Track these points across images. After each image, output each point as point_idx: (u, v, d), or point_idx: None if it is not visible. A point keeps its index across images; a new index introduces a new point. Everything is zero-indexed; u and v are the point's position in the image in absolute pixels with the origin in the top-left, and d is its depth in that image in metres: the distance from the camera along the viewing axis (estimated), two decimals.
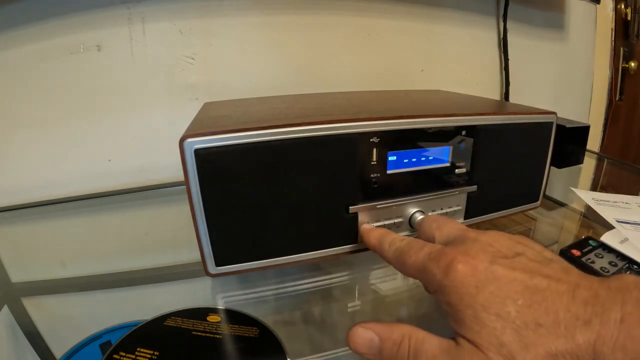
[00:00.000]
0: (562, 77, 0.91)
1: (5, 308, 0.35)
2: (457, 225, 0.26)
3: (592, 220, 0.48)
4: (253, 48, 0.62)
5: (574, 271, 0.20)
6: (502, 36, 0.79)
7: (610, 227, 0.43)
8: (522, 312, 0.18)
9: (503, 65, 0.81)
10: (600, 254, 0.37)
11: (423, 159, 0.35)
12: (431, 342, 0.21)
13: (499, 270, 0.20)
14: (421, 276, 0.23)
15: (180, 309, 0.32)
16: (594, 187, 0.61)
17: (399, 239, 0.27)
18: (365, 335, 0.23)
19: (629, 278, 0.19)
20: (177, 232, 0.48)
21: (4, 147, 0.55)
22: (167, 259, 0.44)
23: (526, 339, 0.18)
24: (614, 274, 0.35)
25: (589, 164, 0.71)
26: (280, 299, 0.36)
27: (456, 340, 0.20)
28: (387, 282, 0.39)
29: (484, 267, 0.20)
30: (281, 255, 0.33)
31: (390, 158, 0.33)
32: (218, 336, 0.29)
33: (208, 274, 0.32)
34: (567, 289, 0.19)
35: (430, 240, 0.27)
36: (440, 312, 0.22)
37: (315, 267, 0.39)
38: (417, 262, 0.23)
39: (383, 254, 0.28)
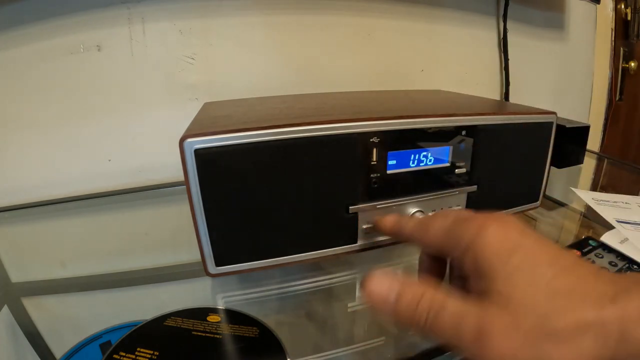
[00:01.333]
0: (562, 77, 0.91)
1: (5, 308, 0.35)
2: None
3: (592, 220, 0.48)
4: (253, 48, 0.62)
5: (589, 262, 0.20)
6: (502, 36, 0.79)
7: (610, 227, 0.43)
8: (556, 277, 0.18)
9: (503, 65, 0.81)
10: (600, 254, 0.37)
11: (423, 159, 0.35)
12: (455, 301, 0.19)
13: (529, 239, 0.19)
14: (447, 239, 0.22)
15: (180, 309, 0.32)
16: (594, 187, 0.61)
17: (418, 216, 0.27)
18: (383, 284, 0.21)
19: None
20: (177, 232, 0.48)
21: (4, 147, 0.55)
22: (167, 259, 0.44)
23: (558, 304, 0.17)
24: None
25: (589, 164, 0.71)
26: (281, 299, 0.36)
27: (483, 297, 0.19)
28: None
29: (516, 234, 0.20)
30: (281, 255, 0.33)
31: (390, 158, 0.33)
32: (218, 336, 0.29)
33: (208, 274, 0.32)
34: (590, 270, 0.18)
35: None
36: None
37: (316, 267, 0.39)
38: (443, 226, 0.22)
39: (402, 228, 0.27)
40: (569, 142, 0.59)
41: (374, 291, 0.21)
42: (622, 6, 0.93)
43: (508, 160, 0.39)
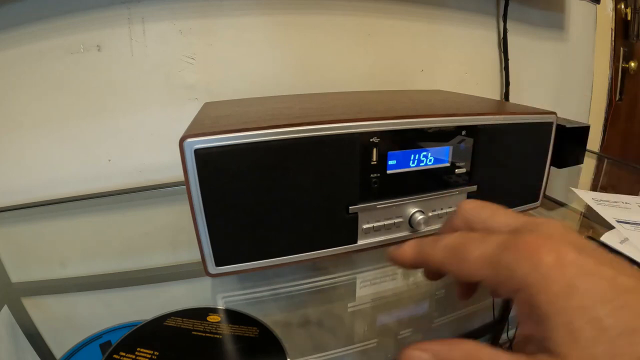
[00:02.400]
0: (562, 77, 0.91)
1: (5, 308, 0.35)
2: (514, 213, 0.21)
3: (592, 220, 0.47)
4: (253, 48, 0.62)
5: (634, 267, 0.18)
6: (502, 36, 0.79)
7: (610, 227, 0.43)
8: (616, 316, 0.15)
9: (503, 65, 0.81)
10: None
11: (423, 159, 0.35)
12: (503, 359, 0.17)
13: (589, 263, 0.16)
14: (493, 273, 0.18)
15: (180, 309, 0.32)
16: (594, 187, 0.61)
17: (442, 237, 0.21)
18: (422, 357, 0.18)
19: None
20: (177, 232, 0.48)
21: (4, 147, 0.55)
22: (167, 259, 0.44)
23: (619, 348, 0.15)
24: None
25: (589, 164, 0.71)
26: (281, 299, 0.36)
27: (534, 355, 0.16)
28: (387, 282, 0.39)
29: (573, 256, 0.16)
30: (281, 255, 0.33)
31: (390, 158, 0.33)
32: (218, 336, 0.29)
33: (208, 274, 0.32)
34: None
35: (475, 229, 0.22)
36: (438, 312, 0.20)
37: (315, 267, 0.39)
38: (485, 255, 0.18)
39: (428, 258, 0.22)
40: (569, 142, 0.59)
41: None
42: (622, 6, 0.93)
43: (508, 160, 0.39)
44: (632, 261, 0.36)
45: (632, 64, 0.96)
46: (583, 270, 0.16)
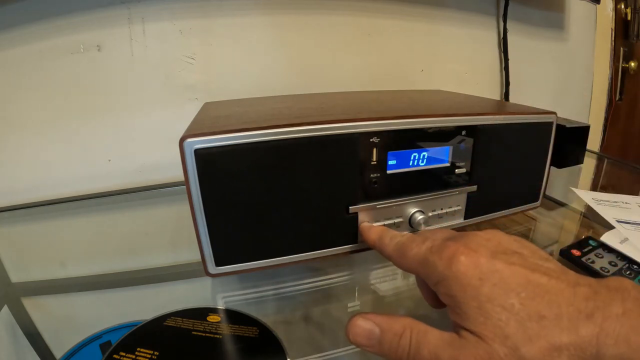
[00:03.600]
0: (562, 77, 0.91)
1: (5, 308, 0.35)
2: (450, 230, 0.27)
3: (592, 220, 0.48)
4: (253, 48, 0.62)
5: (571, 272, 0.20)
6: (502, 36, 0.79)
7: (610, 227, 0.43)
8: (525, 304, 0.18)
9: (503, 65, 0.81)
10: (600, 254, 0.37)
11: (423, 159, 0.35)
12: (433, 334, 0.20)
13: (500, 264, 0.20)
14: (422, 268, 0.23)
15: (180, 309, 0.32)
16: (594, 187, 0.61)
17: (399, 234, 0.27)
18: (365, 325, 0.22)
19: (625, 281, 0.19)
20: (177, 232, 0.48)
21: (4, 147, 0.55)
22: (167, 259, 0.44)
23: (530, 330, 0.18)
24: (614, 274, 0.35)
25: (589, 164, 0.71)
26: (280, 299, 0.36)
27: (458, 332, 0.20)
28: (386, 282, 0.39)
29: (485, 260, 0.20)
30: (281, 255, 0.33)
31: (390, 158, 0.33)
32: (218, 336, 0.29)
33: (208, 274, 0.32)
34: (567, 285, 0.19)
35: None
36: (439, 312, 0.22)
37: (316, 267, 0.39)
38: (418, 255, 0.23)
39: (383, 248, 0.28)
40: (569, 142, 0.59)
41: (359, 330, 0.22)
42: (622, 6, 0.93)
43: (508, 160, 0.39)
44: (632, 261, 0.36)
45: (632, 64, 0.96)
46: (495, 269, 0.20)
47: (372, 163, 0.33)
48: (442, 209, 0.37)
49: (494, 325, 0.18)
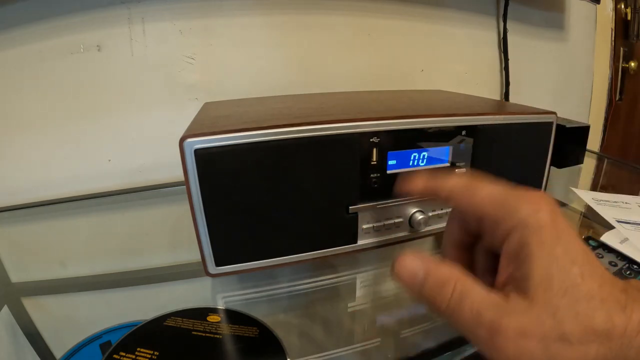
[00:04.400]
0: (562, 77, 0.91)
1: (5, 308, 0.35)
2: None
3: (592, 220, 0.47)
4: (253, 48, 0.62)
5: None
6: (502, 36, 0.79)
7: (610, 227, 0.43)
8: (585, 279, 0.18)
9: (503, 65, 0.81)
10: (600, 254, 0.37)
11: (423, 159, 0.35)
12: (479, 292, 0.19)
13: (571, 230, 0.19)
14: (497, 209, 0.21)
15: (180, 309, 0.32)
16: (594, 187, 0.61)
17: (453, 174, 0.25)
18: (412, 264, 0.21)
19: None
20: (177, 232, 0.48)
21: (4, 147, 0.55)
22: (167, 259, 0.44)
23: (579, 308, 0.17)
24: (614, 273, 0.35)
25: (589, 164, 0.71)
26: (281, 299, 0.36)
27: (508, 294, 0.19)
28: (387, 282, 0.39)
29: (564, 223, 0.19)
30: (281, 255, 0.33)
31: (390, 158, 0.33)
32: (218, 336, 0.29)
33: (208, 274, 0.32)
34: (609, 275, 0.19)
35: None
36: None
37: (316, 267, 0.39)
38: (494, 193, 0.21)
39: (439, 186, 0.24)
40: (569, 142, 0.59)
41: (404, 269, 0.21)
42: (622, 6, 0.93)
43: (508, 160, 0.39)
44: (632, 261, 0.36)
45: (632, 64, 0.96)
46: (568, 232, 0.19)
47: (372, 163, 0.33)
48: (442, 209, 0.37)
49: (553, 292, 0.17)
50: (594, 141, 1.02)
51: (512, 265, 0.19)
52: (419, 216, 0.35)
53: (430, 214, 0.37)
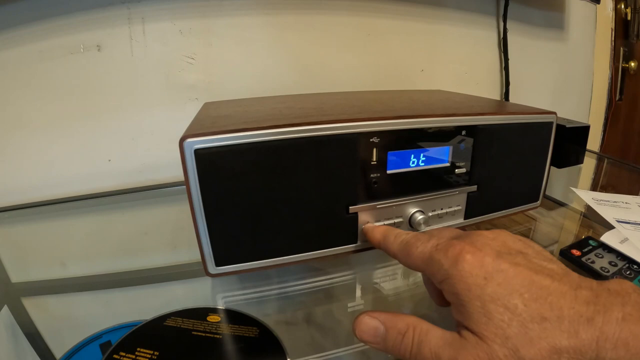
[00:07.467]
0: (562, 77, 0.91)
1: (5, 308, 0.35)
2: (457, 229, 0.27)
3: (592, 220, 0.48)
4: (253, 48, 0.62)
5: (573, 273, 0.20)
6: (502, 36, 0.79)
7: (610, 227, 0.43)
8: (528, 305, 0.18)
9: (503, 65, 0.81)
10: (600, 254, 0.37)
11: (423, 159, 0.35)
12: (435, 334, 0.21)
13: (504, 264, 0.20)
14: (427, 266, 0.23)
15: (180, 309, 0.32)
16: (594, 187, 0.61)
17: (404, 233, 0.27)
18: (371, 323, 0.23)
19: (626, 283, 0.19)
20: (177, 232, 0.48)
21: (4, 147, 0.55)
22: (167, 259, 0.44)
23: (531, 332, 0.18)
24: (614, 274, 0.35)
25: (589, 164, 0.71)
26: (280, 299, 0.36)
27: (460, 332, 0.20)
28: (387, 282, 0.39)
29: (490, 259, 0.20)
30: (281, 255, 0.33)
31: (390, 158, 0.33)
32: (218, 336, 0.29)
33: (208, 274, 0.32)
34: (569, 288, 0.19)
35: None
36: (439, 313, 0.22)
37: (316, 267, 0.39)
38: (424, 253, 0.23)
39: (388, 246, 0.28)
40: (569, 142, 0.59)
41: (365, 326, 0.23)
42: (622, 6, 0.93)
43: (508, 160, 0.39)
44: (632, 261, 0.36)
45: (632, 64, 0.96)
46: (500, 268, 0.20)
47: (372, 163, 0.33)
48: (442, 209, 0.37)
49: (495, 325, 0.18)
50: (594, 141, 1.02)
51: (455, 309, 0.21)
52: (419, 216, 0.35)
53: (430, 214, 0.37)
